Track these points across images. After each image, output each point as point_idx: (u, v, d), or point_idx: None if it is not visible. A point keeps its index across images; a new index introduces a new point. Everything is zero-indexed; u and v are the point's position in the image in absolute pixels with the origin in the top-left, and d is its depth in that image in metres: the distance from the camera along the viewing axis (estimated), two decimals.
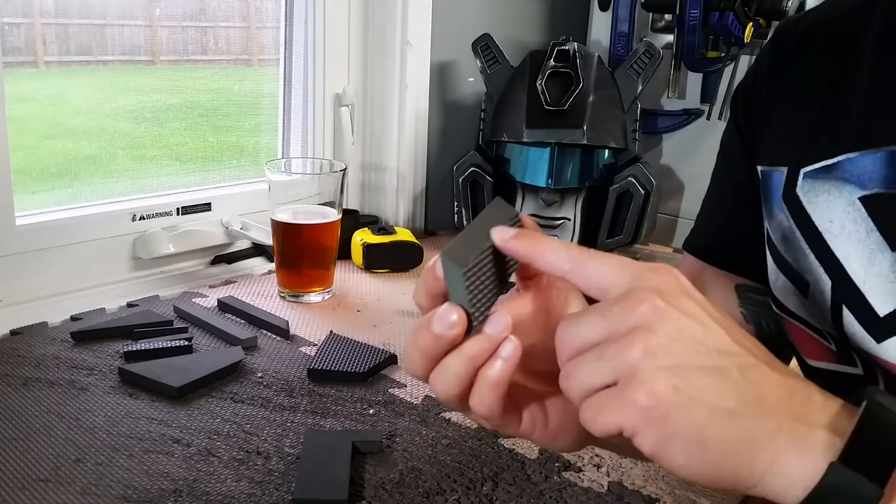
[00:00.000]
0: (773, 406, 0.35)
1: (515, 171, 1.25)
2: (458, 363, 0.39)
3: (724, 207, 0.68)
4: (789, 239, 0.56)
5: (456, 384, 0.40)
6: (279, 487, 0.63)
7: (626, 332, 0.36)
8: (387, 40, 1.29)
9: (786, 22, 0.63)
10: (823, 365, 0.56)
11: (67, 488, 0.62)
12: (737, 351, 0.36)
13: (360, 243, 1.16)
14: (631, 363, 0.35)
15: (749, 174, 0.62)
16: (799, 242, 0.55)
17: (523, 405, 0.43)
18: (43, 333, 0.90)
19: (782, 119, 0.59)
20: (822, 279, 0.53)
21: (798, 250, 0.55)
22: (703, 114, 1.36)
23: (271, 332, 0.94)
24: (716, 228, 0.69)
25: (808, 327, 0.56)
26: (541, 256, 0.39)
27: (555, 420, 0.43)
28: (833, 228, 0.52)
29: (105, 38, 1.13)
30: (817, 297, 0.54)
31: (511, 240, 0.40)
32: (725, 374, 0.35)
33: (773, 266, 0.59)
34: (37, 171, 1.09)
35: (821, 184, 0.53)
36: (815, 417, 0.36)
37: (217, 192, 1.20)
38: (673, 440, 0.35)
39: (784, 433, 0.35)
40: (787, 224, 0.56)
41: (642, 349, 0.35)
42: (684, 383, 0.35)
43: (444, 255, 0.39)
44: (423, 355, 0.40)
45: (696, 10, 1.26)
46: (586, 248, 0.39)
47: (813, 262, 0.54)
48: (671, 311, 0.36)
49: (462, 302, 0.39)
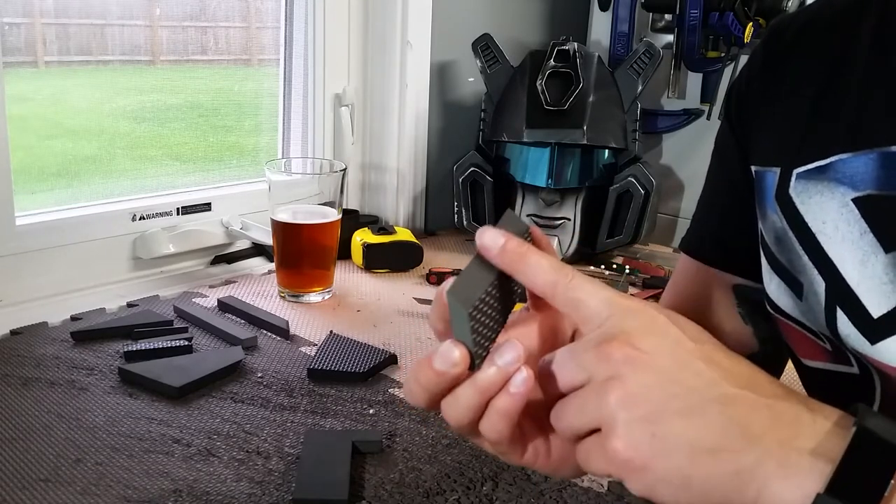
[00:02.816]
0: (757, 434, 0.36)
1: (515, 171, 1.25)
2: (471, 395, 0.40)
3: (719, 207, 0.68)
4: (782, 240, 0.56)
5: (468, 415, 0.40)
6: (279, 487, 0.63)
7: (602, 382, 0.36)
8: (387, 40, 1.29)
9: (779, 20, 0.63)
10: (819, 365, 0.56)
11: (67, 488, 0.62)
12: (716, 383, 0.37)
13: (360, 243, 1.16)
14: (609, 413, 0.36)
15: (743, 173, 0.62)
16: (792, 244, 0.55)
17: (528, 436, 0.43)
18: (43, 333, 0.90)
19: (775, 119, 0.59)
20: (815, 280, 0.53)
21: (791, 251, 0.55)
22: (703, 114, 1.36)
23: (271, 332, 0.94)
24: (711, 229, 0.69)
25: (802, 328, 0.56)
26: (525, 275, 0.40)
27: (556, 452, 0.43)
28: (826, 230, 0.52)
29: (105, 38, 1.13)
30: (811, 298, 0.54)
31: (498, 254, 0.40)
32: (704, 412, 0.36)
33: (766, 267, 0.59)
34: (37, 171, 1.09)
35: (814, 185, 0.53)
36: (803, 441, 0.36)
37: (217, 192, 1.20)
38: (657, 484, 0.36)
39: (772, 460, 0.35)
40: (781, 225, 0.56)
41: (617, 400, 0.36)
42: (661, 430, 0.35)
43: (449, 294, 0.39)
44: (426, 390, 0.41)
45: (696, 10, 1.26)
46: (575, 273, 0.40)
47: (807, 264, 0.53)
48: (643, 357, 0.36)
49: (465, 340, 0.40)
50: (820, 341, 0.55)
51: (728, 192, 0.66)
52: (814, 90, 0.56)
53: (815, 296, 0.53)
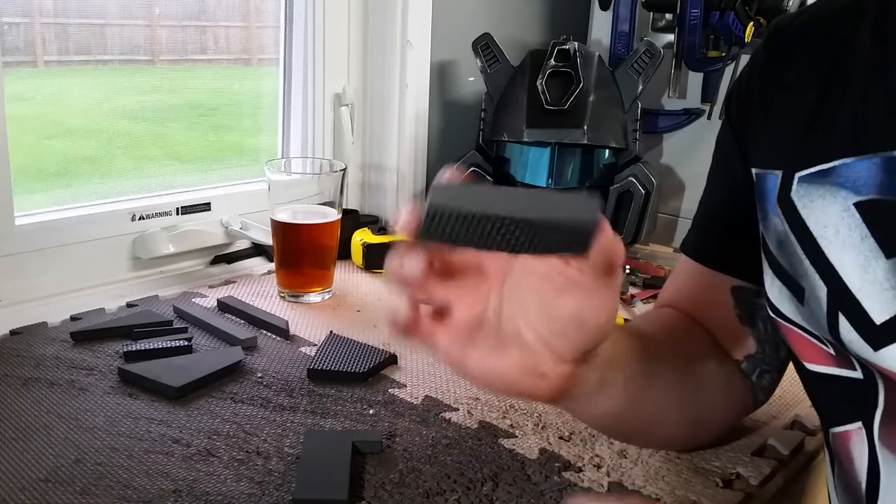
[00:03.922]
0: None
1: (516, 171, 1.24)
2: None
3: (720, 208, 0.68)
4: (784, 244, 0.55)
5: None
6: (279, 487, 0.63)
7: None
8: (387, 40, 1.29)
9: (780, 20, 0.62)
10: (823, 369, 0.56)
11: (67, 488, 0.61)
12: None
13: (360, 243, 1.16)
14: None
15: (744, 175, 0.61)
16: (794, 248, 0.54)
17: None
18: (43, 333, 0.90)
19: (776, 121, 0.58)
20: (817, 285, 0.52)
21: (793, 255, 0.55)
22: (703, 114, 1.35)
23: (271, 332, 0.93)
24: (711, 230, 0.69)
25: (805, 332, 0.56)
26: None
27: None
28: (828, 234, 0.51)
29: (104, 37, 1.13)
30: (813, 303, 0.53)
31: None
32: None
33: (768, 271, 0.58)
34: (36, 171, 1.09)
35: (816, 188, 0.53)
36: None
37: (217, 192, 1.20)
38: None
39: None
40: (782, 229, 0.55)
41: None
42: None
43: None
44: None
45: (696, 10, 1.26)
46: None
47: (808, 268, 0.53)
48: None
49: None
50: (823, 345, 0.55)
51: (728, 193, 0.66)
52: (815, 91, 0.55)
53: (817, 301, 0.52)
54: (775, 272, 0.57)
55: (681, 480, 0.66)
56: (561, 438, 0.72)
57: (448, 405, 0.78)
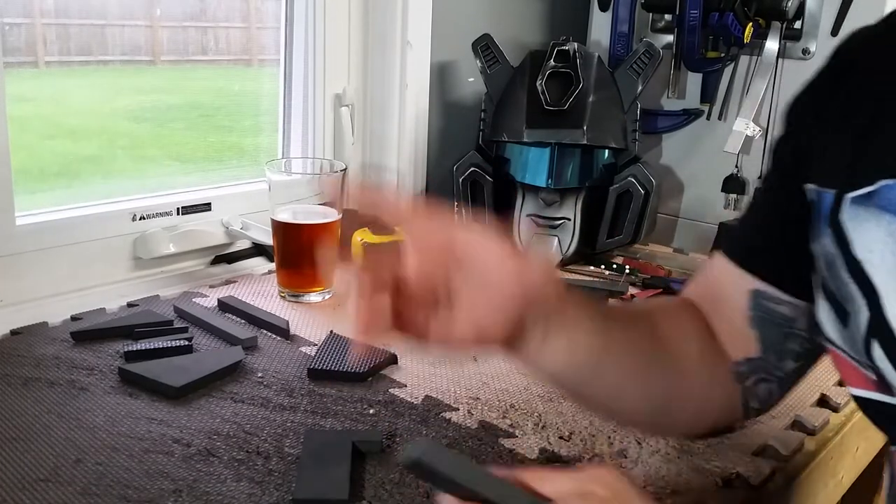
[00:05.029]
0: None
1: (515, 171, 1.25)
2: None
3: (761, 210, 0.67)
4: (832, 266, 0.54)
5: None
6: (279, 487, 0.63)
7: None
8: (387, 40, 1.29)
9: (848, 37, 0.61)
10: (864, 394, 0.54)
11: (67, 488, 0.62)
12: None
13: (360, 243, 1.16)
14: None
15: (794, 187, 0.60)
16: (840, 270, 0.53)
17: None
18: (43, 333, 0.90)
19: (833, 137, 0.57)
20: (861, 310, 0.51)
21: (838, 278, 0.53)
22: (702, 114, 1.35)
23: (271, 332, 0.94)
24: (746, 229, 0.68)
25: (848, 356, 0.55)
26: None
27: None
28: (874, 259, 0.50)
29: (105, 38, 1.13)
30: (854, 328, 0.52)
31: None
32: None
33: (819, 292, 0.57)
34: (37, 171, 1.09)
35: (863, 211, 0.51)
36: None
37: (217, 192, 1.20)
38: None
39: None
40: (831, 250, 0.54)
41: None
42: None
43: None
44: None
45: (695, 11, 1.26)
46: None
47: (854, 292, 0.52)
48: None
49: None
50: (865, 370, 0.54)
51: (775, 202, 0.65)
52: (870, 110, 0.54)
53: (858, 326, 0.51)
54: (824, 293, 0.56)
55: (681, 480, 0.66)
56: (561, 438, 0.72)
57: (448, 405, 0.78)
